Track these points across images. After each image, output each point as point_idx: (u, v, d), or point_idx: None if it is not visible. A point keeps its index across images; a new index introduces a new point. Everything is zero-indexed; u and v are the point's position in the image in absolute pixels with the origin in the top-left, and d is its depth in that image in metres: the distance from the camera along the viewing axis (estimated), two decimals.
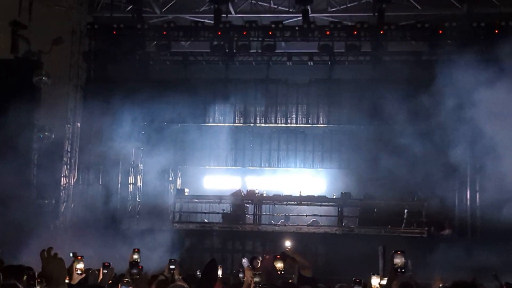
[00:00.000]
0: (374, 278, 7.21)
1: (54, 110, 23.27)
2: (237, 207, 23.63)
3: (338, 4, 24.63)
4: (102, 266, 7.73)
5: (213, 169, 27.25)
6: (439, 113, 21.45)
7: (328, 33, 23.55)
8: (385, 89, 23.64)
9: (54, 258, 5.60)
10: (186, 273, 11.47)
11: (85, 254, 9.11)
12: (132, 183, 25.39)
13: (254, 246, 22.38)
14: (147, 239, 19.42)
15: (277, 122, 25.81)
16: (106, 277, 7.58)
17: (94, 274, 8.69)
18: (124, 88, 23.78)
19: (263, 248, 21.39)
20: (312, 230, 22.94)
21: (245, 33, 23.90)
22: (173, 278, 8.73)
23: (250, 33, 23.94)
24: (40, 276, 5.62)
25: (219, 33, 23.78)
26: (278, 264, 7.43)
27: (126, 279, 6.45)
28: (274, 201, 24.41)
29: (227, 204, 23.95)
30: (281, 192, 24.73)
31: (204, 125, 25.67)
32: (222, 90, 25.59)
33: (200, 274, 9.41)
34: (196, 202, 24.99)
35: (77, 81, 24.42)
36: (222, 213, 23.95)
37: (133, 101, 23.22)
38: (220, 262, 20.15)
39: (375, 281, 7.19)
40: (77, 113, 24.27)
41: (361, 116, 24.91)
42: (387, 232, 22.63)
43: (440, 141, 21.60)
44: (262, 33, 23.91)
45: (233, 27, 23.88)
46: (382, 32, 23.07)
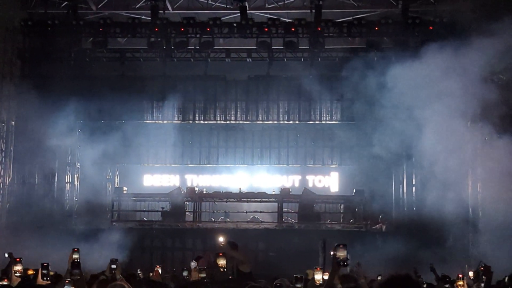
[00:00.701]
0: (317, 273, 7.23)
1: None
2: (177, 205, 23.52)
3: (276, 1, 24.73)
4: (41, 267, 7.59)
5: (152, 167, 27.08)
6: (376, 109, 21.84)
7: (266, 30, 23.60)
8: (323, 86, 23.98)
9: None
10: (126, 272, 11.36)
11: (22, 255, 8.95)
12: (69, 182, 25.03)
13: (194, 244, 22.34)
14: (85, 239, 19.18)
15: (216, 119, 25.80)
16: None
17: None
18: (60, 86, 23.38)
19: (204, 246, 21.35)
20: (252, 227, 23.03)
21: (183, 30, 23.74)
22: (115, 278, 8.61)
23: (188, 30, 23.79)
24: None
25: (156, 30, 23.54)
26: (221, 261, 7.41)
27: (68, 280, 6.34)
28: (214, 198, 24.41)
29: (167, 202, 23.83)
30: (221, 189, 24.78)
31: (142, 123, 25.45)
32: (160, 87, 25.43)
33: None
34: (135, 200, 24.79)
35: (11, 79, 23.86)
36: (162, 211, 23.82)
37: (70, 99, 22.89)
38: (160, 261, 20.18)
39: (319, 276, 7.22)
40: (11, 111, 23.71)
41: (299, 113, 25.21)
42: (326, 227, 22.91)
43: (377, 137, 21.95)
44: (200, 30, 23.78)
45: (171, 24, 23.69)
46: (319, 29, 23.26)
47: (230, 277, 11.85)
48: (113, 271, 8.87)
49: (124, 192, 24.52)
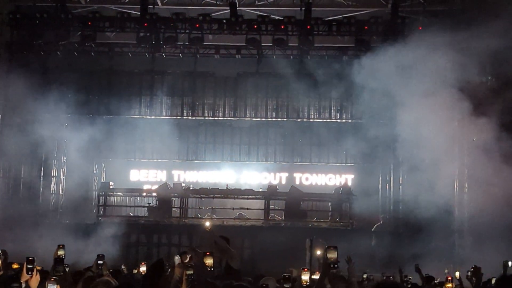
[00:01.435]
0: (305, 274, 7.18)
1: None
2: (163, 201, 23.43)
3: None
4: (26, 261, 7.52)
5: (139, 162, 26.99)
6: (363, 108, 21.89)
7: (256, 27, 23.57)
8: (312, 84, 24.00)
9: None
10: (112, 268, 11.28)
11: (7, 249, 8.88)
12: (55, 176, 24.89)
13: (180, 240, 22.26)
14: (71, 233, 19.09)
15: (204, 115, 25.76)
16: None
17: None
18: (48, 80, 23.29)
19: (190, 242, 21.28)
20: (239, 223, 22.99)
21: (172, 25, 23.65)
22: (101, 274, 8.54)
23: (177, 25, 23.70)
24: None
25: (146, 25, 23.45)
26: (208, 261, 7.34)
27: (53, 277, 6.27)
28: (201, 195, 24.34)
29: (153, 198, 23.74)
30: (208, 185, 24.73)
31: (130, 118, 25.36)
32: (149, 83, 25.37)
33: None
34: (121, 196, 24.67)
35: None
36: (148, 207, 23.72)
37: (57, 93, 22.79)
38: (146, 257, 20.10)
39: (306, 277, 7.17)
40: None
41: (288, 110, 25.24)
42: (313, 225, 22.90)
43: (365, 135, 21.99)
44: (190, 26, 23.71)
45: (160, 19, 23.59)
46: (309, 27, 23.25)
47: (216, 275, 11.78)
48: (100, 267, 8.78)
49: (111, 187, 24.40)
